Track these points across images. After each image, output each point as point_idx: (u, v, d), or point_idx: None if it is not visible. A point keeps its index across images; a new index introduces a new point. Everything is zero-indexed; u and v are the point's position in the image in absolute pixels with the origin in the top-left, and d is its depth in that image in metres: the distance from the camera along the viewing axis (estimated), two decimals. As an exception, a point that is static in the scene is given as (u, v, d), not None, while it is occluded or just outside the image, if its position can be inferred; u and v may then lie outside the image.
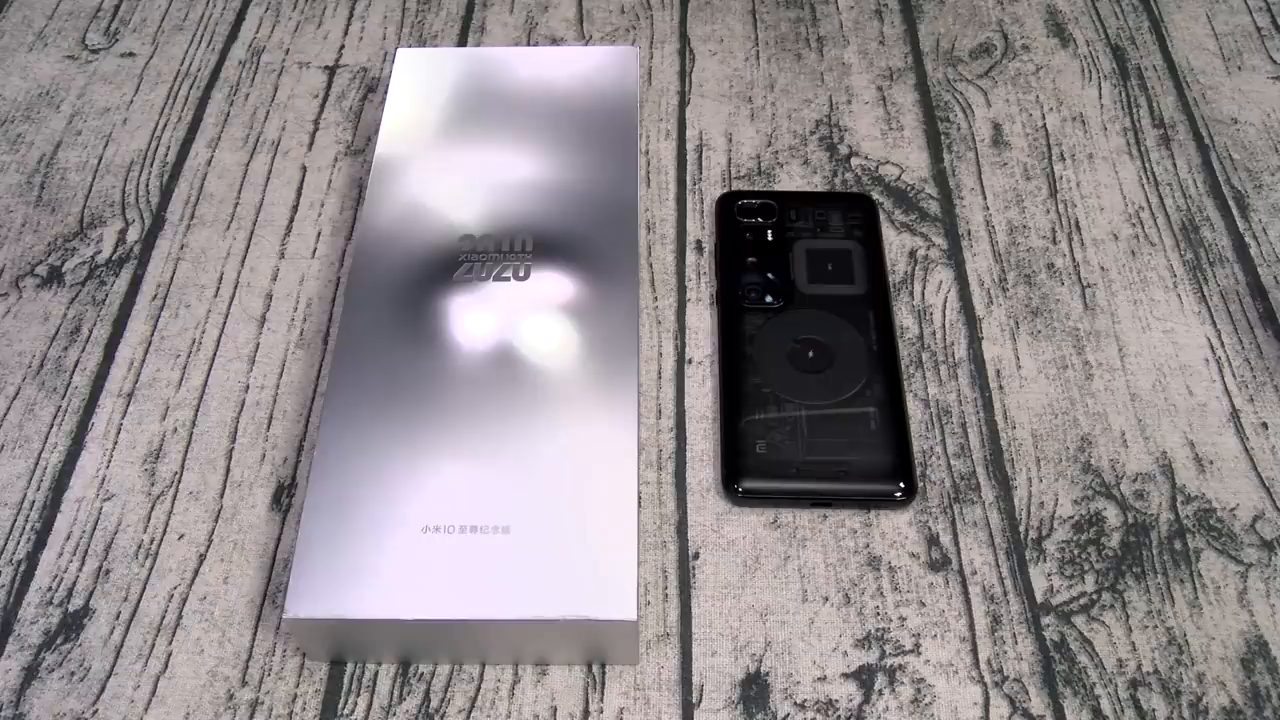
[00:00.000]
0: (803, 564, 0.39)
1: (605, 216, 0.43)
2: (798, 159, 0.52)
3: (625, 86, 0.48)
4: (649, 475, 0.42)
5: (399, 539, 0.35)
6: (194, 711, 0.36)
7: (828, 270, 0.46)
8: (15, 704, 0.36)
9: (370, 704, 0.36)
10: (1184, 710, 0.36)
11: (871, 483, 0.40)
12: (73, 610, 0.39)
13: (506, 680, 0.37)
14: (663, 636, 0.38)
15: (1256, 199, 0.50)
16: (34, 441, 0.43)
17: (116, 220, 0.50)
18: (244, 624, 0.38)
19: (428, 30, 0.58)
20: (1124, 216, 0.50)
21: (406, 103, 0.47)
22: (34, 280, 0.48)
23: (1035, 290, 0.47)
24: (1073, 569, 0.39)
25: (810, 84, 0.55)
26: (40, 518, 0.41)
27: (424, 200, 0.44)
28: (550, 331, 0.40)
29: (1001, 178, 0.51)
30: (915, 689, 0.37)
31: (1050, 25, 0.58)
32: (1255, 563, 0.39)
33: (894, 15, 0.58)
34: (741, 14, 0.59)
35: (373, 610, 0.34)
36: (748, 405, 0.42)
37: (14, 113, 0.55)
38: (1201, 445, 0.42)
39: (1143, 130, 0.53)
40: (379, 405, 0.38)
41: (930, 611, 0.38)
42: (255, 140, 0.53)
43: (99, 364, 0.45)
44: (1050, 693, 0.37)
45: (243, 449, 0.43)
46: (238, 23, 0.59)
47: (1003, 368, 0.45)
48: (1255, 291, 0.47)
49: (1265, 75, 0.56)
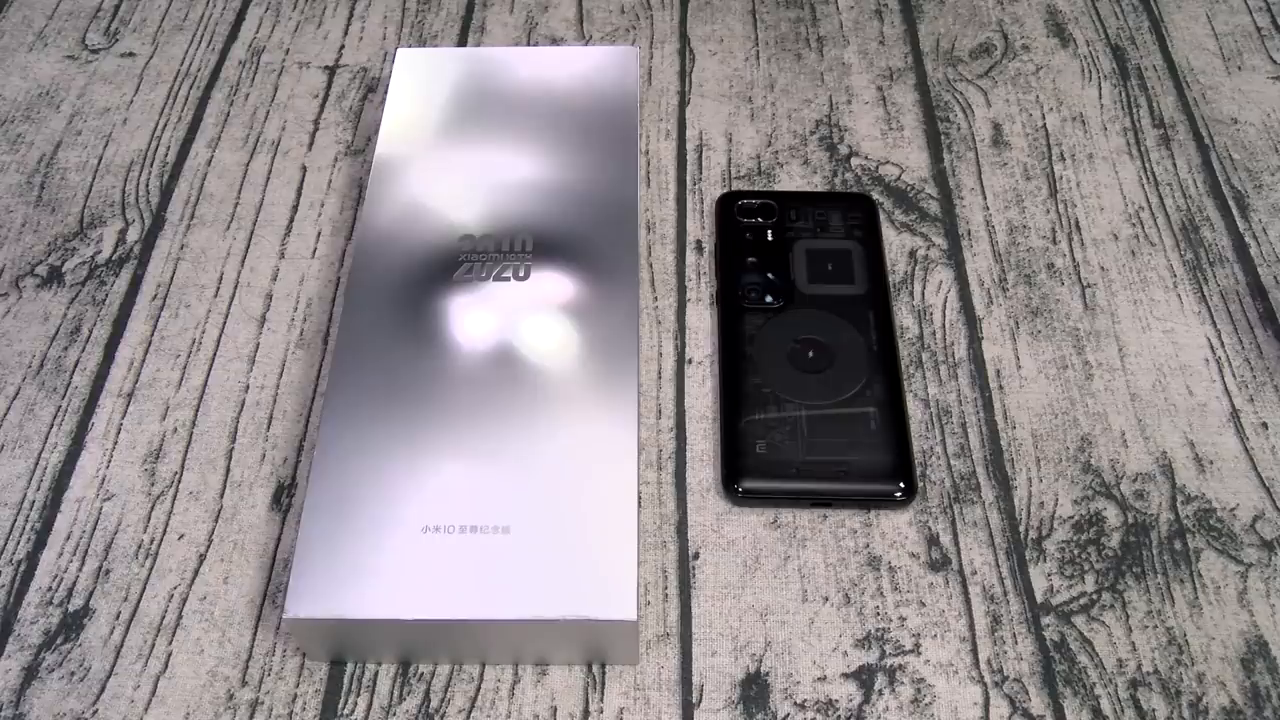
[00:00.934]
0: (803, 564, 0.39)
1: (605, 216, 0.43)
2: (798, 159, 0.52)
3: (625, 86, 0.48)
4: (649, 475, 0.42)
5: (399, 539, 0.35)
6: (194, 711, 0.36)
7: (828, 270, 0.46)
8: (15, 704, 0.36)
9: (370, 704, 0.36)
10: (1184, 710, 0.36)
11: (871, 483, 0.40)
12: (73, 610, 0.39)
13: (506, 680, 0.37)
14: (663, 636, 0.38)
15: (1256, 199, 0.50)
16: (34, 441, 0.43)
17: (116, 220, 0.50)
18: (244, 624, 0.38)
19: (428, 30, 0.58)
20: (1124, 216, 0.50)
21: (406, 103, 0.47)
22: (34, 280, 0.48)
23: (1035, 290, 0.47)
24: (1073, 569, 0.39)
25: (810, 84, 0.55)
26: (40, 518, 0.41)
27: (424, 200, 0.44)
28: (550, 331, 0.40)
29: (1001, 178, 0.51)
30: (915, 689, 0.37)
31: (1050, 25, 0.58)
32: (1255, 563, 0.39)
33: (894, 15, 0.58)
34: (741, 14, 0.59)
35: (373, 610, 0.34)
36: (748, 405, 0.42)
37: (14, 113, 0.55)
38: (1201, 445, 0.42)
39: (1143, 130, 0.53)
40: (379, 405, 0.38)
41: (930, 611, 0.38)
42: (255, 140, 0.53)
43: (99, 364, 0.45)
44: (1050, 693, 0.37)
45: (243, 449, 0.43)
46: (238, 23, 0.59)
47: (1003, 368, 0.45)
48: (1255, 291, 0.47)
49: (1265, 75, 0.55)
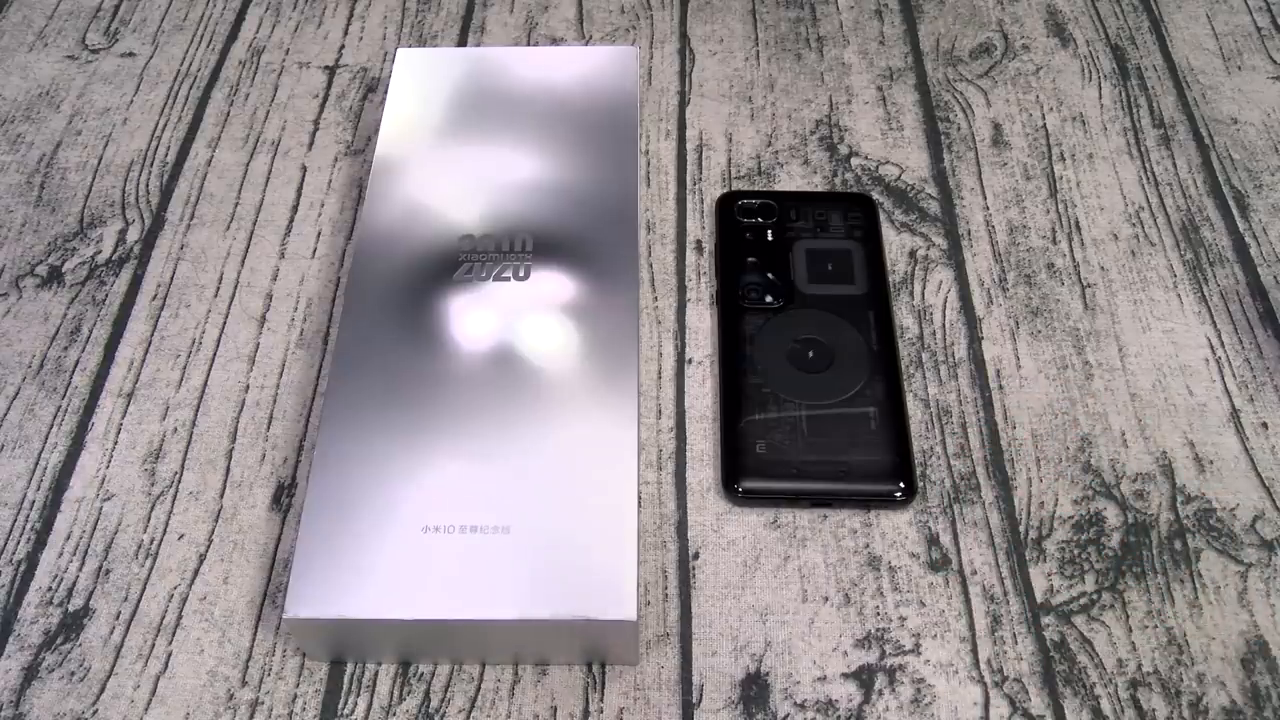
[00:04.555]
0: (803, 564, 0.39)
1: (605, 216, 0.43)
2: (798, 159, 0.52)
3: (625, 86, 0.48)
4: (649, 475, 0.42)
5: (399, 539, 0.35)
6: (194, 711, 0.36)
7: (828, 270, 0.46)
8: (15, 704, 0.36)
9: (370, 704, 0.36)
10: (1184, 710, 0.36)
11: (871, 483, 0.40)
12: (73, 610, 0.39)
13: (506, 680, 0.37)
14: (663, 636, 0.38)
15: (1256, 199, 0.50)
16: (34, 441, 0.43)
17: (116, 220, 0.50)
18: (244, 624, 0.38)
19: (428, 30, 0.58)
20: (1124, 216, 0.50)
21: (406, 103, 0.47)
22: (34, 280, 0.48)
23: (1035, 290, 0.47)
24: (1073, 569, 0.39)
25: (810, 84, 0.55)
26: (40, 518, 0.41)
27: (424, 200, 0.44)
28: (550, 331, 0.40)
29: (1001, 178, 0.51)
30: (915, 689, 0.37)
31: (1050, 25, 0.58)
32: (1255, 563, 0.39)
33: (894, 15, 0.58)
34: (741, 14, 0.59)
35: (373, 610, 0.34)
36: (748, 405, 0.42)
37: (14, 113, 0.55)
38: (1201, 445, 0.42)
39: (1143, 130, 0.53)
40: (379, 405, 0.38)
41: (930, 611, 0.38)
42: (255, 140, 0.53)
43: (99, 364, 0.45)
44: (1050, 693, 0.37)
45: (243, 449, 0.43)
46: (238, 23, 0.59)
47: (1003, 368, 0.45)
48: (1255, 291, 0.47)
49: (1265, 75, 0.55)
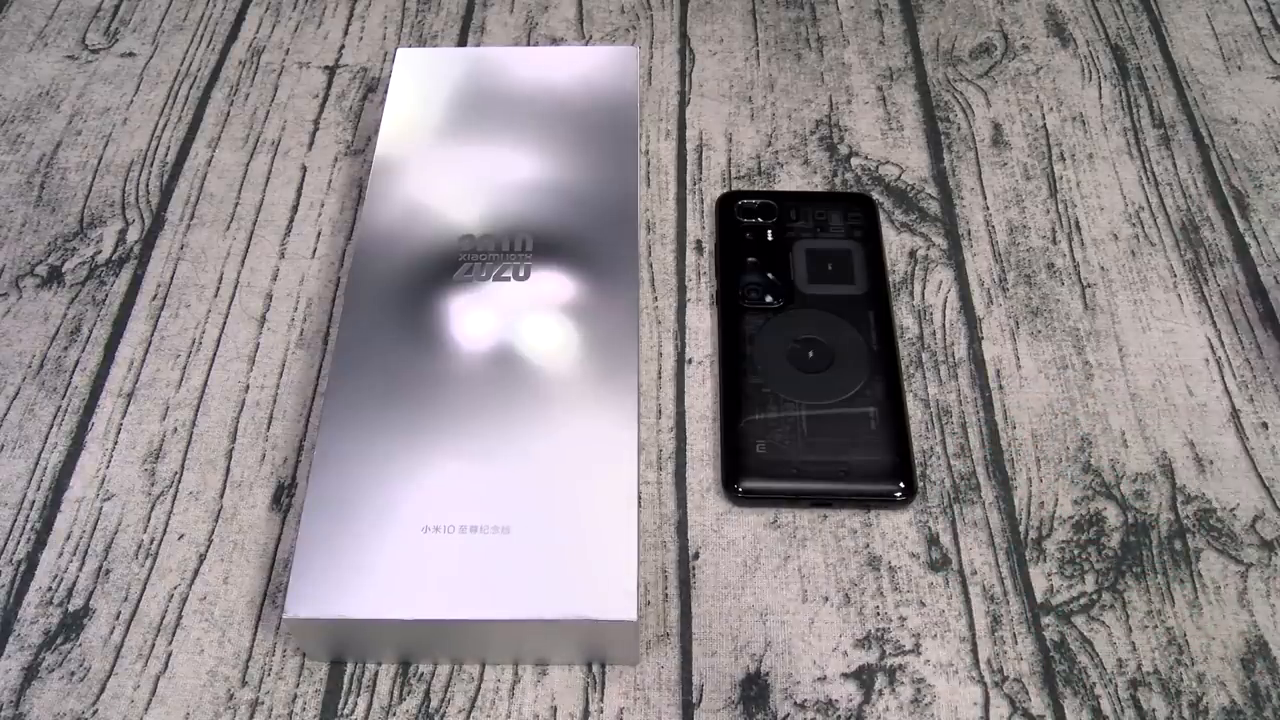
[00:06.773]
0: (803, 564, 0.39)
1: (605, 216, 0.43)
2: (798, 159, 0.52)
3: (625, 86, 0.48)
4: (649, 475, 0.42)
5: (399, 539, 0.35)
6: (194, 711, 0.36)
7: (828, 270, 0.46)
8: (15, 704, 0.36)
9: (370, 704, 0.36)
10: (1184, 710, 0.36)
11: (871, 483, 0.40)
12: (73, 610, 0.39)
13: (506, 680, 0.37)
14: (663, 636, 0.38)
15: (1256, 199, 0.50)
16: (34, 441, 0.43)
17: (116, 220, 0.50)
18: (244, 624, 0.38)
19: (428, 30, 0.58)
20: (1124, 216, 0.50)
21: (406, 103, 0.47)
22: (34, 280, 0.48)
23: (1035, 290, 0.47)
24: (1073, 569, 0.39)
25: (810, 84, 0.55)
26: (40, 518, 0.41)
27: (424, 200, 0.44)
28: (550, 331, 0.40)
29: (1001, 178, 0.51)
30: (915, 689, 0.37)
31: (1050, 25, 0.58)
32: (1255, 563, 0.39)
33: (894, 15, 0.58)
34: (741, 14, 0.59)
35: (373, 610, 0.34)
36: (748, 405, 0.42)
37: (14, 113, 0.55)
38: (1201, 445, 0.42)
39: (1143, 130, 0.53)
40: (379, 405, 0.38)
41: (930, 611, 0.38)
42: (255, 140, 0.53)
43: (99, 364, 0.45)
44: (1050, 693, 0.37)
45: (243, 449, 0.43)
46: (238, 23, 0.59)
47: (1003, 368, 0.45)
48: (1255, 291, 0.47)
49: (1265, 75, 0.55)
